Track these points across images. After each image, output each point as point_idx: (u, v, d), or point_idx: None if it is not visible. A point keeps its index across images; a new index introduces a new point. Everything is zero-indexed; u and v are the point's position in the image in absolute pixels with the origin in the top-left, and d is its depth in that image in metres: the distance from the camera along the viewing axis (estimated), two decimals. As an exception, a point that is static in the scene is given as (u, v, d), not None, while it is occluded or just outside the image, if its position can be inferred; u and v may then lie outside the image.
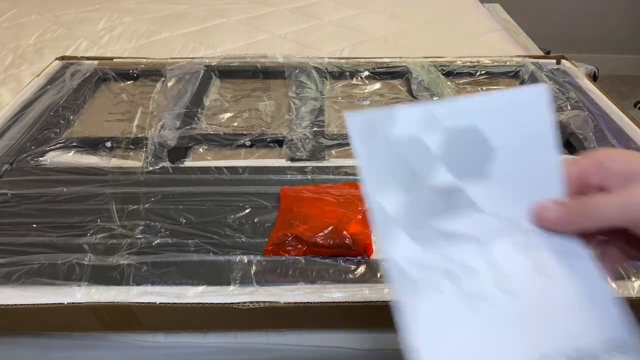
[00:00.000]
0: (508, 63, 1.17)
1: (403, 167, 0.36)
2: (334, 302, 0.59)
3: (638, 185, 0.31)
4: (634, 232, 0.31)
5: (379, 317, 0.61)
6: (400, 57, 1.20)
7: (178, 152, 0.87)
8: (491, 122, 0.36)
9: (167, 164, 0.84)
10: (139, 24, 1.54)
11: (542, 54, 1.37)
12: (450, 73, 1.14)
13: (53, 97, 1.02)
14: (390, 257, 0.35)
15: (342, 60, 1.18)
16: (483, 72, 1.14)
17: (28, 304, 0.59)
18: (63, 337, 0.64)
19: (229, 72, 1.15)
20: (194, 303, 0.59)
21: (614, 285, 0.61)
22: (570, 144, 0.89)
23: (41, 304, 0.59)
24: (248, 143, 0.90)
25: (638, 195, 0.30)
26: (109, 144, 0.89)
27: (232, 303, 0.59)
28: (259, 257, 0.65)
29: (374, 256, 0.65)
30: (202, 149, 0.89)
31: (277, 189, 0.76)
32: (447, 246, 0.36)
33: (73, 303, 0.59)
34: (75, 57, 1.22)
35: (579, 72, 1.14)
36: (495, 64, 1.16)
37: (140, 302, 0.59)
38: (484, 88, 1.10)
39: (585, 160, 0.35)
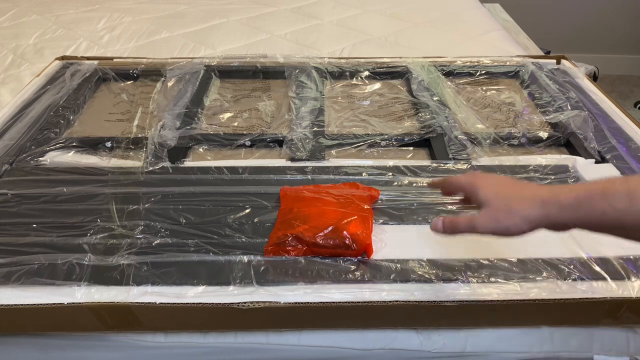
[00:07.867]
0: (508, 63, 1.17)
1: None
2: (333, 302, 0.59)
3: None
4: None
5: (379, 317, 0.61)
6: (400, 57, 1.20)
7: (178, 152, 0.87)
8: None
9: (167, 164, 0.84)
10: (139, 24, 1.54)
11: (542, 54, 1.37)
12: (450, 73, 1.13)
13: (53, 97, 1.02)
14: None
15: (342, 60, 1.18)
16: (483, 72, 1.14)
17: (28, 304, 0.59)
18: (63, 337, 0.64)
19: (229, 72, 1.15)
20: (194, 303, 0.59)
21: (614, 285, 0.61)
22: (570, 143, 0.89)
23: (41, 304, 0.59)
24: (248, 143, 0.90)
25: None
26: (109, 144, 0.89)
27: (232, 303, 0.59)
28: (259, 257, 0.65)
29: (374, 256, 0.65)
30: (202, 149, 0.89)
31: (277, 189, 0.76)
32: None
33: (73, 303, 0.59)
34: (75, 57, 1.22)
35: (579, 72, 1.14)
36: (495, 64, 1.16)
37: (140, 302, 0.59)
38: (484, 88, 1.09)
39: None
